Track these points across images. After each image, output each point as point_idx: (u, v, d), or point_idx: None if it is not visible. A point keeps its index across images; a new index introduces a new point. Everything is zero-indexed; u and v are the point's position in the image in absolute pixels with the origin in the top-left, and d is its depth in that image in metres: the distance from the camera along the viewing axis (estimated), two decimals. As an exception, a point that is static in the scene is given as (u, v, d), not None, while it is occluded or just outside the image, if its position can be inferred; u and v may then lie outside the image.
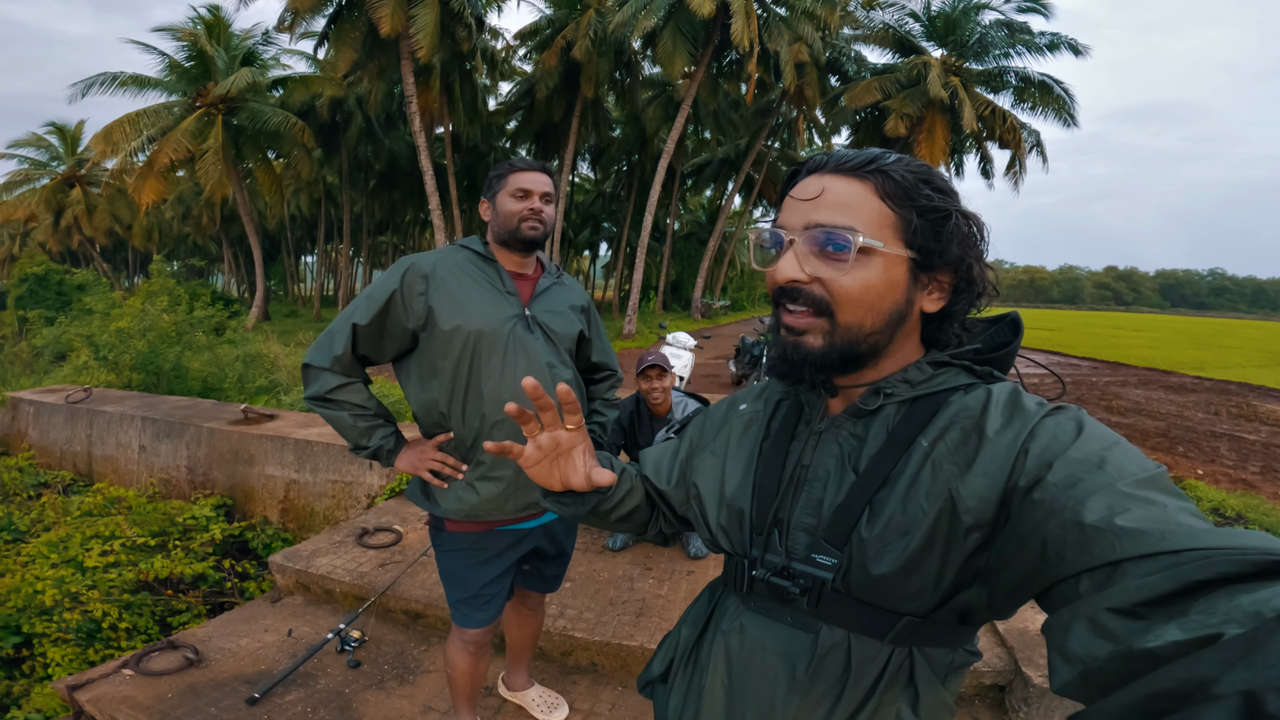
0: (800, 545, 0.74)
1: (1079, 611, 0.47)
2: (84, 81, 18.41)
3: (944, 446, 0.67)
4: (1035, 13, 17.26)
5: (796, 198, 0.72)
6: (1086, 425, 0.60)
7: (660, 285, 30.22)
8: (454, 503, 1.67)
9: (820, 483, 0.74)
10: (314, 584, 3.12)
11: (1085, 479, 0.54)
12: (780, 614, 0.76)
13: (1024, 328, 0.76)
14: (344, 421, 1.64)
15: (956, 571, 0.64)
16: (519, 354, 1.62)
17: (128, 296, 10.34)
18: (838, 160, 0.71)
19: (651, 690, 0.95)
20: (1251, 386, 13.23)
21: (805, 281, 0.69)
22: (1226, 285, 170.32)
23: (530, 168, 1.67)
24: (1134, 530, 0.47)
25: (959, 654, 0.73)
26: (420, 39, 15.36)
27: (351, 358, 1.62)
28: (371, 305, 1.60)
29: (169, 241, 35.81)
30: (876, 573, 0.66)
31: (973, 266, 0.71)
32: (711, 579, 0.95)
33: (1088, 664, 0.44)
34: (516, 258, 1.71)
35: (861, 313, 0.69)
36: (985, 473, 0.62)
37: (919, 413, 0.71)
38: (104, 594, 3.26)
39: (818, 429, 0.78)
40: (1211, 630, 0.37)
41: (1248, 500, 4.92)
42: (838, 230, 0.67)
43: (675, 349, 8.41)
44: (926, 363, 0.73)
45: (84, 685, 2.36)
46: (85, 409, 6.02)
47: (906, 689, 0.70)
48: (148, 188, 18.27)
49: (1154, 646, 0.39)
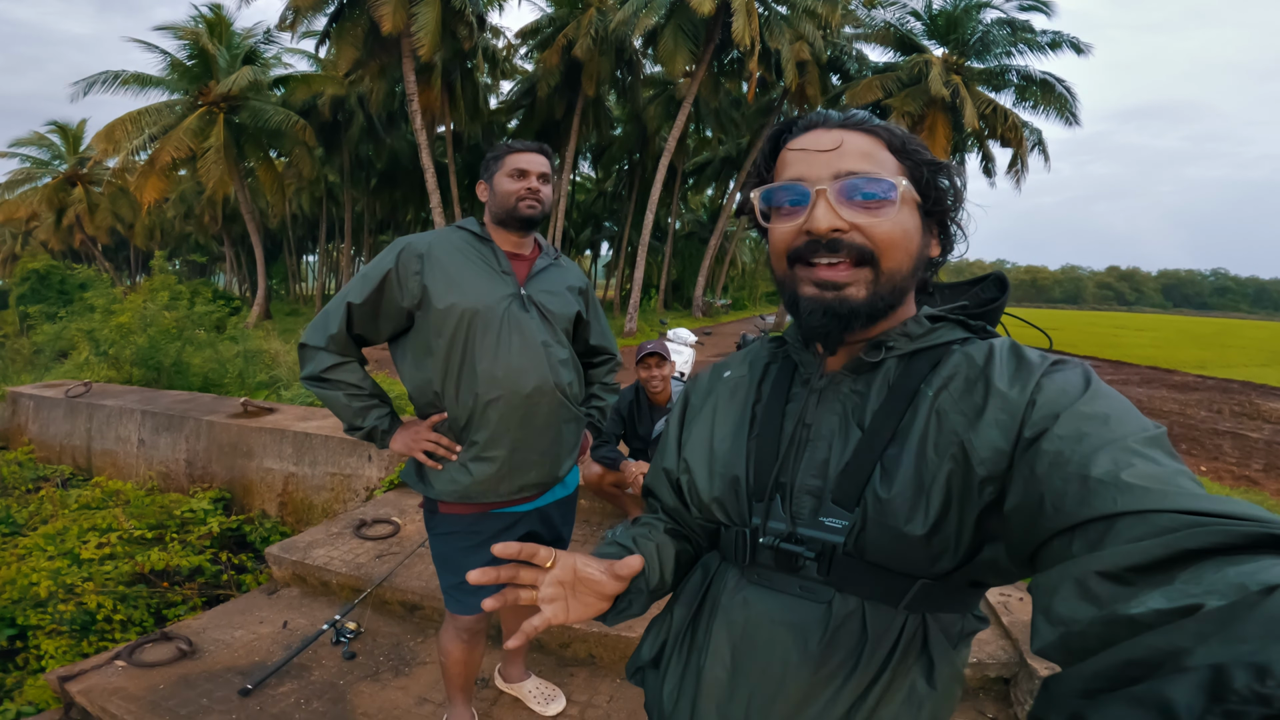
0: (806, 509, 0.71)
1: (1068, 573, 0.46)
2: (85, 80, 18.44)
3: (948, 396, 0.65)
4: (1037, 11, 17.22)
5: (810, 149, 0.69)
6: (1093, 381, 0.60)
7: (661, 284, 30.22)
8: (447, 484, 1.66)
9: (824, 441, 0.72)
10: (310, 575, 3.10)
11: (1092, 433, 0.53)
12: (787, 585, 0.72)
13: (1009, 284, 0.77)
14: (339, 401, 1.64)
15: (974, 529, 0.63)
16: (514, 333, 1.61)
17: (129, 293, 10.33)
18: (841, 117, 0.71)
19: (641, 677, 0.90)
20: (1254, 385, 13.19)
21: (846, 230, 0.67)
22: (1229, 285, 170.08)
23: (527, 148, 1.67)
24: (1137, 486, 0.47)
25: (968, 620, 0.71)
26: (421, 37, 15.37)
27: (347, 337, 1.62)
28: (366, 284, 1.59)
29: (171, 240, 35.84)
30: (910, 533, 0.64)
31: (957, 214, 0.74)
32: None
33: (1070, 626, 0.44)
34: (514, 238, 1.70)
35: (901, 257, 0.69)
36: (997, 423, 0.61)
37: (919, 365, 0.70)
38: (99, 586, 3.25)
39: (817, 386, 0.75)
40: (1193, 600, 0.36)
41: (1251, 497, 4.91)
42: (877, 176, 0.67)
43: (676, 345, 8.41)
44: (925, 316, 0.73)
45: (75, 676, 2.33)
46: (85, 403, 6.01)
47: (921, 658, 0.68)
48: (149, 186, 18.29)
49: (1136, 613, 0.38)
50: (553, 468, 1.73)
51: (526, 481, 1.69)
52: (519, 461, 1.66)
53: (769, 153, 0.75)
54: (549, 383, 1.65)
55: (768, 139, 0.76)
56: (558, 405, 1.68)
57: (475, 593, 1.74)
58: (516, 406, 1.62)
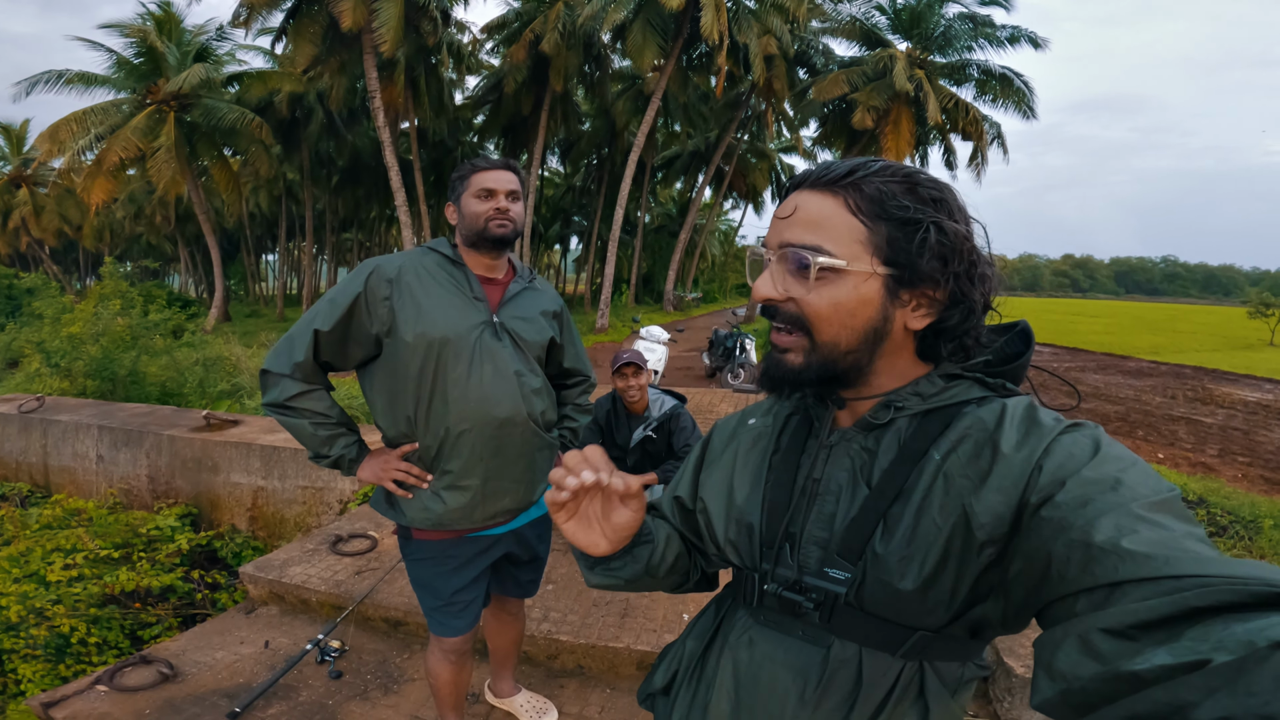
0: (812, 559, 0.73)
1: (1071, 630, 0.47)
2: (29, 80, 17.70)
3: (956, 460, 0.65)
4: (997, 6, 17.58)
5: (778, 216, 0.72)
6: (1103, 445, 0.59)
7: (632, 278, 30.20)
8: (419, 512, 1.63)
9: (832, 496, 0.73)
10: (289, 594, 3.04)
11: (1097, 499, 0.53)
12: (791, 628, 0.75)
13: (1034, 337, 0.75)
14: (304, 430, 1.58)
15: (970, 586, 0.64)
16: (486, 362, 1.58)
17: (79, 300, 9.93)
18: (817, 175, 0.70)
19: (652, 703, 0.93)
20: (1206, 370, 13.74)
21: (780, 299, 0.70)
22: (1179, 272, 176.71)
23: (493, 166, 1.62)
24: (1139, 553, 0.47)
25: (969, 668, 0.72)
26: (383, 33, 15.04)
27: (313, 364, 1.56)
28: (334, 310, 1.54)
29: (121, 242, 34.58)
30: (901, 588, 0.65)
31: (959, 279, 0.67)
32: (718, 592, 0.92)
33: (1070, 683, 0.44)
34: (486, 260, 1.66)
35: (835, 330, 0.68)
36: (999, 489, 0.61)
37: (931, 426, 0.70)
38: (70, 608, 3.14)
39: (828, 442, 0.76)
40: (1200, 656, 0.36)
41: (1208, 484, 5.07)
42: (802, 250, 0.67)
43: (649, 343, 8.43)
44: (938, 375, 0.72)
45: (58, 702, 2.27)
46: (39, 418, 5.78)
47: (916, 703, 0.70)
48: (97, 187, 17.61)
49: (1140, 669, 0.39)
50: (526, 494, 1.71)
51: (500, 508, 1.67)
52: (492, 490, 1.63)
53: None
54: (522, 413, 1.62)
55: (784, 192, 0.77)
56: (531, 435, 1.66)
57: (460, 614, 1.73)
58: (489, 437, 1.59)
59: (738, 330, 10.19)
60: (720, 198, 30.42)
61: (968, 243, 0.68)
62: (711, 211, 32.53)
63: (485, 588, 1.80)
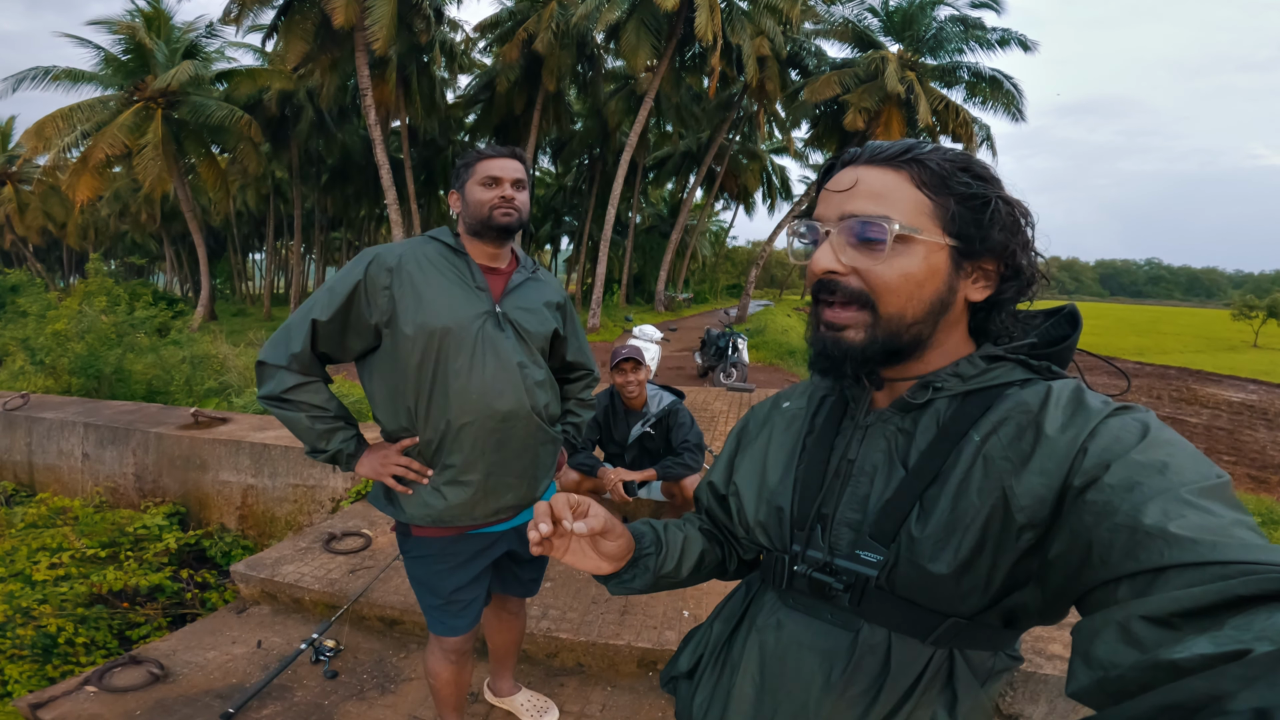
0: (844, 541, 0.72)
1: (1112, 618, 0.46)
2: (14, 76, 17.46)
3: (996, 442, 0.64)
4: (987, 8, 17.72)
5: (831, 190, 0.70)
6: (1153, 427, 0.57)
7: (623, 279, 30.19)
8: (419, 508, 1.59)
9: (867, 477, 0.72)
10: (281, 593, 2.99)
11: (1145, 483, 0.52)
12: (820, 611, 0.74)
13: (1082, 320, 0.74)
14: (300, 423, 1.54)
15: (1007, 572, 0.62)
16: (488, 353, 1.54)
17: (64, 297, 9.79)
18: (872, 151, 0.70)
19: (674, 686, 0.92)
20: (1190, 371, 13.91)
21: (843, 273, 0.68)
22: (1163, 274, 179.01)
23: (499, 154, 1.59)
24: (1186, 538, 0.46)
25: (1000, 658, 0.71)
26: (376, 31, 14.93)
27: (311, 355, 1.52)
28: (333, 299, 1.50)
29: (106, 240, 34.11)
30: (935, 572, 0.64)
31: (1017, 253, 0.69)
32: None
33: (1108, 670, 0.43)
34: (489, 249, 1.63)
35: (902, 302, 0.67)
36: (1042, 470, 0.59)
37: (971, 407, 0.68)
38: (56, 608, 3.08)
39: (864, 423, 0.75)
40: (1242, 646, 0.35)
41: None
42: (873, 219, 0.66)
43: (642, 342, 8.41)
44: (980, 356, 0.70)
45: (47, 703, 2.22)
46: (23, 416, 5.68)
47: (944, 692, 0.68)
48: (82, 184, 17.36)
49: (1180, 658, 0.38)
50: (530, 489, 1.68)
51: (503, 505, 1.64)
52: (494, 485, 1.60)
53: (816, 188, 0.76)
54: (525, 406, 1.59)
55: (820, 173, 0.76)
56: (534, 428, 1.63)
57: (460, 614, 1.69)
58: (491, 430, 1.56)
59: (730, 330, 10.20)
60: (712, 198, 30.45)
61: (1026, 217, 0.70)
62: (703, 212, 32.57)
63: (487, 587, 1.76)
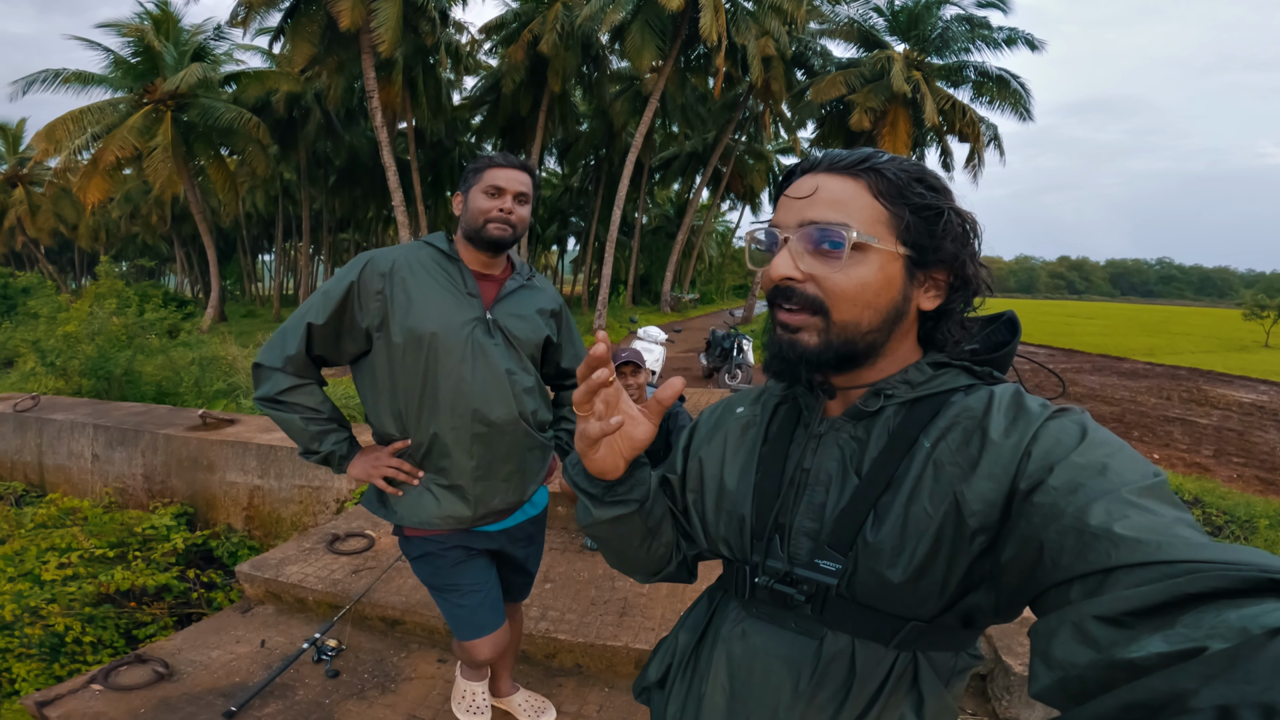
0: (803, 550, 0.73)
1: (1066, 618, 0.46)
2: (25, 79, 17.62)
3: (945, 447, 0.66)
4: (994, 8, 17.63)
5: (791, 196, 0.71)
6: (1090, 429, 0.60)
7: (629, 279, 30.20)
8: (410, 510, 1.61)
9: (822, 486, 0.73)
10: (285, 593, 3.03)
11: (1087, 484, 0.53)
12: (784, 620, 0.75)
13: (1020, 328, 0.76)
14: (294, 424, 1.57)
15: (962, 575, 0.64)
16: (477, 359, 1.56)
17: (74, 299, 9.90)
18: (831, 159, 0.71)
19: (648, 696, 0.93)
20: (1201, 371, 13.79)
21: (799, 280, 0.68)
22: (1174, 274, 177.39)
23: (508, 164, 1.60)
24: (1131, 538, 0.47)
25: (962, 658, 0.72)
26: (381, 33, 15.03)
27: (305, 358, 1.56)
28: (328, 303, 1.53)
29: (117, 241, 34.46)
30: (893, 580, 0.65)
31: (967, 264, 0.71)
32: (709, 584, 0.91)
33: (1068, 670, 0.44)
34: (483, 257, 1.64)
35: (858, 310, 0.68)
36: (990, 475, 0.61)
37: (920, 414, 0.70)
38: (64, 608, 3.13)
39: (817, 431, 0.76)
40: (1195, 644, 0.36)
41: (1203, 484, 5.09)
42: (831, 227, 0.67)
43: (646, 343, 8.43)
44: (926, 363, 0.72)
45: (53, 701, 2.25)
46: (34, 417, 5.75)
47: (910, 693, 0.70)
48: (93, 186, 17.54)
49: (1136, 657, 0.39)
50: (517, 494, 1.70)
51: (491, 508, 1.65)
52: (483, 490, 1.62)
53: (776, 195, 0.77)
54: (513, 412, 1.60)
55: (781, 181, 0.77)
56: (522, 434, 1.64)
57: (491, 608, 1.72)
58: (480, 435, 1.58)
59: (735, 331, 10.20)
60: (718, 199, 30.42)
61: (975, 229, 0.72)
62: (709, 213, 32.53)
63: (496, 578, 1.79)
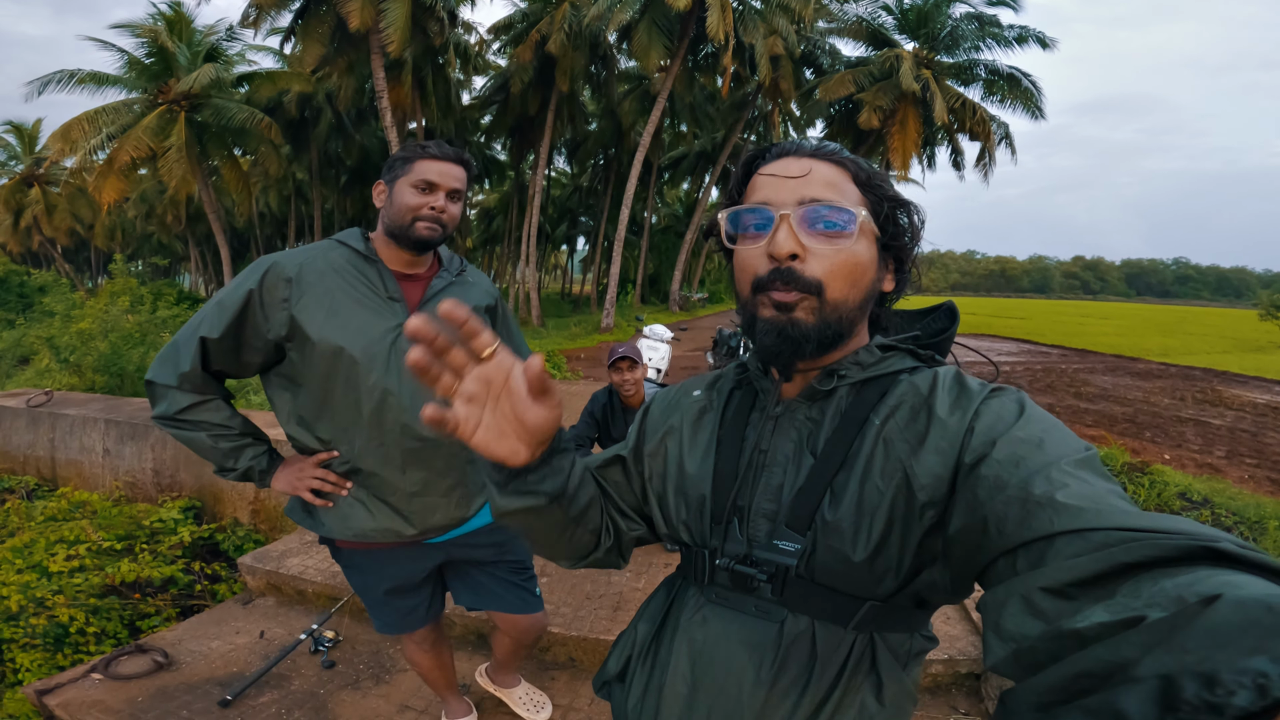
0: (761, 532, 0.73)
1: (1014, 590, 0.47)
2: (41, 79, 17.84)
3: (894, 424, 0.68)
4: (1005, 6, 17.50)
5: (779, 175, 0.71)
6: (1028, 407, 0.63)
7: (638, 278, 30.21)
8: (339, 522, 1.48)
9: (779, 467, 0.74)
10: (286, 585, 3.06)
11: (1028, 457, 0.56)
12: (743, 604, 0.75)
13: (959, 315, 0.80)
14: (202, 443, 1.42)
15: (915, 551, 0.65)
16: (403, 369, 1.39)
17: (90, 297, 10.05)
18: (814, 146, 0.73)
19: (609, 691, 0.92)
20: (1216, 372, 13.60)
21: (803, 255, 0.69)
22: (1190, 274, 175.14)
23: (443, 156, 1.44)
24: (1073, 506, 0.49)
25: (916, 640, 0.74)
26: (391, 33, 15.13)
27: (203, 374, 1.40)
28: (223, 314, 1.36)
29: (132, 241, 34.94)
30: (854, 558, 0.66)
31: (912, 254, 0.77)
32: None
33: (1020, 642, 0.45)
34: (406, 256, 1.48)
35: (847, 289, 0.70)
36: (937, 449, 0.64)
37: (869, 394, 0.72)
38: (70, 599, 3.17)
39: (773, 413, 0.77)
40: (1135, 613, 0.37)
41: (1214, 484, 5.03)
42: (840, 206, 0.68)
43: (653, 341, 8.42)
44: (875, 346, 0.75)
45: (53, 690, 2.30)
46: (47, 412, 5.84)
47: (869, 676, 0.70)
48: (108, 186, 17.77)
49: (1081, 627, 0.39)
50: (460, 509, 1.55)
51: (431, 524, 1.52)
52: (419, 506, 1.49)
53: (741, 178, 0.77)
54: None
55: (741, 164, 0.77)
56: (459, 447, 1.47)
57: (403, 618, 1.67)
58: (411, 451, 1.44)
59: (742, 330, 10.19)
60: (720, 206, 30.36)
61: (923, 223, 0.77)
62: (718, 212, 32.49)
63: (430, 597, 1.69)
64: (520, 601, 1.74)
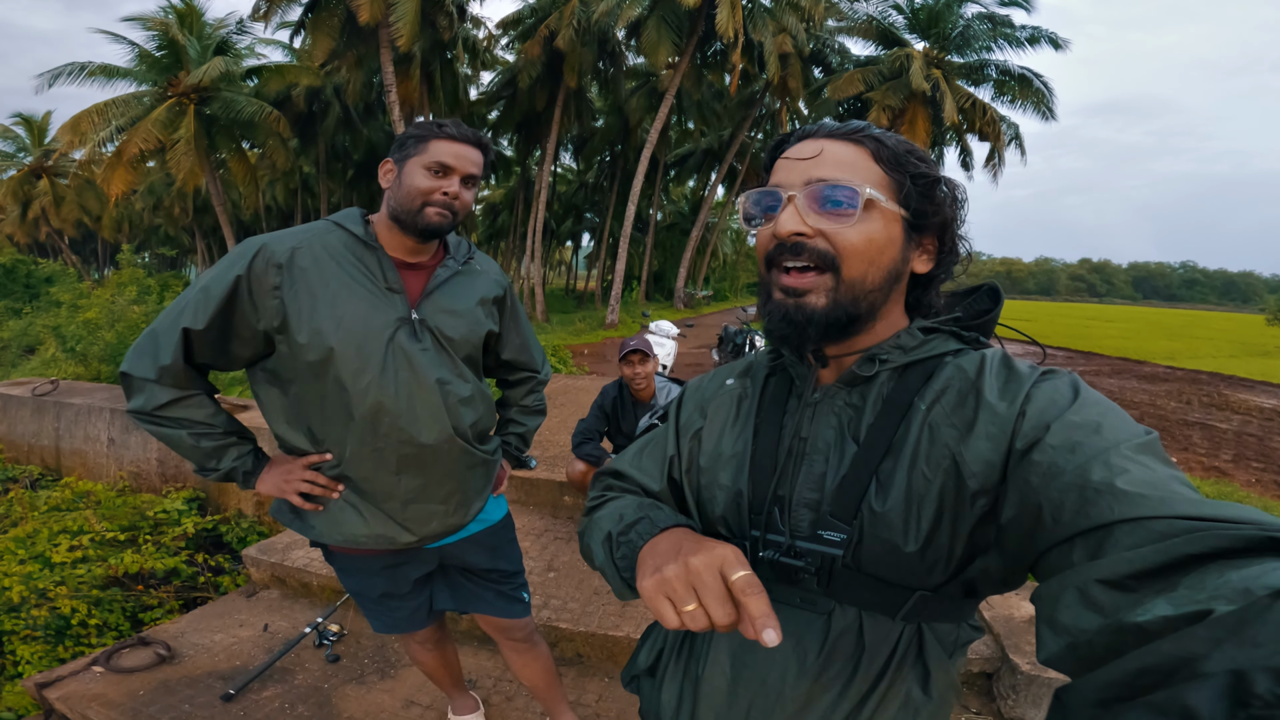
0: (804, 522, 0.71)
1: (1069, 581, 0.46)
2: (51, 72, 17.86)
3: (940, 409, 0.66)
4: (1016, 6, 17.39)
5: (792, 158, 0.71)
6: (1082, 390, 0.60)
7: (643, 275, 30.16)
8: (329, 526, 1.39)
9: (821, 455, 0.72)
10: (290, 577, 3.05)
11: (1084, 442, 0.53)
12: (787, 596, 0.72)
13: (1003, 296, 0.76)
14: (183, 442, 1.31)
15: (966, 540, 0.63)
16: (400, 370, 1.30)
17: (97, 288, 10.08)
18: (831, 127, 0.72)
19: (637, 685, 0.90)
20: (1223, 376, 13.51)
21: (809, 235, 0.67)
22: (1197, 278, 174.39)
23: (460, 137, 1.31)
24: (1134, 493, 0.47)
25: (963, 629, 0.72)
26: (400, 27, 15.12)
27: (184, 368, 1.27)
28: (208, 302, 1.24)
29: (139, 233, 35.04)
30: (907, 550, 0.64)
31: (954, 232, 0.73)
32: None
33: (1076, 636, 0.43)
34: (410, 243, 1.36)
35: (864, 266, 0.68)
36: (987, 435, 0.61)
37: (913, 378, 0.70)
38: (73, 590, 3.16)
39: (811, 400, 0.74)
40: (1200, 606, 0.35)
41: (1221, 488, 5.00)
42: (844, 183, 0.67)
43: (658, 337, 8.39)
44: (917, 329, 0.73)
45: (53, 683, 2.28)
46: (52, 401, 5.84)
47: (916, 666, 0.69)
48: (117, 178, 17.80)
49: (1143, 621, 0.38)
50: (458, 516, 1.47)
51: (427, 532, 1.44)
52: (415, 514, 1.40)
53: (767, 163, 0.76)
54: (447, 430, 1.36)
55: (769, 149, 0.77)
56: (459, 453, 1.41)
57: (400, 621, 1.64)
58: (408, 457, 1.34)
59: (747, 327, 10.13)
60: (733, 196, 30.29)
61: (964, 199, 0.74)
62: (724, 210, 32.46)
63: (429, 598, 1.64)
64: (506, 606, 1.68)
